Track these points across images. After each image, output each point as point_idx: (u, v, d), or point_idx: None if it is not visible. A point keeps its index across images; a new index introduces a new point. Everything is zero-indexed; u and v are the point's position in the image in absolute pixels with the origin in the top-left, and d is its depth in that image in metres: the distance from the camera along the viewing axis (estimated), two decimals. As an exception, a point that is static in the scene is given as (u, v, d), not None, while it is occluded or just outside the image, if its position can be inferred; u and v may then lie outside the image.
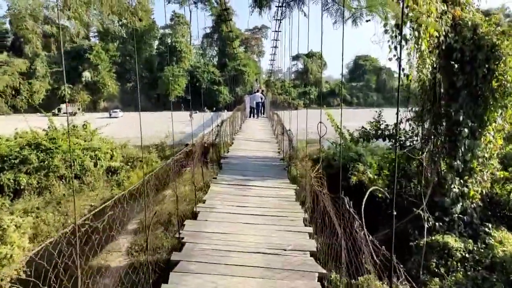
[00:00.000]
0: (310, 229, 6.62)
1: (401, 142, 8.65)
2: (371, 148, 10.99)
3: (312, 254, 5.72)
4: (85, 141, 14.60)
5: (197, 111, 57.35)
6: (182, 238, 6.31)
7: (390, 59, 7.81)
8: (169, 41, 77.51)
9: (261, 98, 27.96)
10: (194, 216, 7.77)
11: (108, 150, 14.30)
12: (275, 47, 27.26)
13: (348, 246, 4.50)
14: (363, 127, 9.49)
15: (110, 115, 62.26)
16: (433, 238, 7.23)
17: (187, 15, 79.65)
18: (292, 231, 6.62)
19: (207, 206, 8.10)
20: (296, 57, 78.63)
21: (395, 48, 7.66)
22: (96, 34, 78.45)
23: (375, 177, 8.98)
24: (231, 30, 76.02)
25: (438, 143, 8.09)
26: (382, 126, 9.20)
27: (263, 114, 28.86)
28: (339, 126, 12.81)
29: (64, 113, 64.65)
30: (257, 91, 29.99)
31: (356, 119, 20.71)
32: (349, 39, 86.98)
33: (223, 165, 12.40)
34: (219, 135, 13.84)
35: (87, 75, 69.45)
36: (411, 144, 8.63)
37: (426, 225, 7.31)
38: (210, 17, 79.56)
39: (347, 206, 4.10)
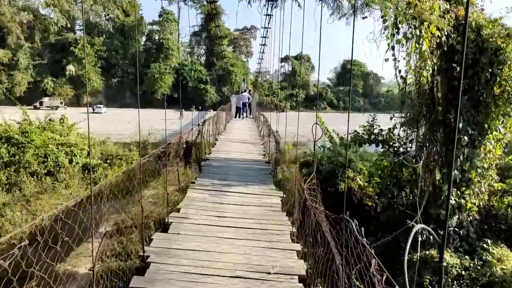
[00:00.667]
0: (298, 246, 5.84)
1: (395, 149, 8.17)
2: (361, 153, 10.50)
3: (301, 279, 4.94)
4: (61, 136, 13.82)
5: (183, 110, 56.50)
6: (147, 257, 5.36)
7: (386, 60, 7.33)
8: (156, 37, 76.46)
9: (248, 99, 27.38)
10: (165, 228, 6.95)
11: (84, 147, 13.53)
12: (264, 44, 26.70)
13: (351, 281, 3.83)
14: (355, 131, 8.99)
15: (93, 110, 61.01)
16: (427, 252, 6.74)
17: (176, 12, 78.87)
18: (278, 249, 5.76)
19: (181, 216, 7.22)
20: (284, 59, 78.31)
21: (392, 48, 7.18)
22: (81, 27, 76.96)
23: (365, 184, 8.48)
24: (219, 27, 75.43)
25: (434, 151, 7.62)
26: (376, 131, 8.72)
27: (250, 115, 28.29)
28: (329, 129, 12.32)
29: (46, 106, 63.23)
30: (244, 91, 29.40)
31: (345, 123, 20.26)
32: (338, 43, 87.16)
33: (204, 167, 11.49)
34: (200, 135, 13.13)
35: (71, 68, 67.97)
36: (405, 151, 8.15)
37: (420, 238, 6.83)
38: (199, 15, 78.81)
39: (357, 233, 3.40)
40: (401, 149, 8.27)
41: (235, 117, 27.19)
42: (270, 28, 20.98)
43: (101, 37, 73.32)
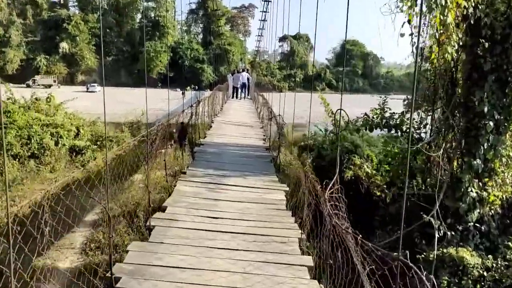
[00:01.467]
0: (310, 260, 4.73)
1: (407, 134, 7.40)
2: (368, 138, 9.73)
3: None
4: (47, 116, 12.99)
5: (178, 89, 55.44)
6: (118, 279, 4.08)
7: (402, 35, 6.52)
8: (152, 15, 74.59)
9: (248, 79, 26.26)
10: (145, 235, 6.02)
11: (72, 127, 12.74)
12: (264, 20, 25.59)
13: None
14: (366, 114, 8.19)
15: (87, 89, 59.74)
16: (444, 250, 6.06)
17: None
18: (285, 264, 4.62)
19: (167, 217, 5.98)
20: (283, 38, 76.84)
21: (409, 21, 6.36)
22: (75, 3, 74.99)
23: (374, 172, 7.76)
24: (216, 3, 73.68)
25: (452, 137, 6.88)
26: (387, 114, 7.93)
27: (248, 95, 27.19)
28: (333, 111, 11.47)
29: (39, 85, 61.91)
30: (243, 70, 28.29)
31: (348, 105, 19.44)
32: (337, 23, 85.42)
33: (197, 154, 10.34)
34: (194, 116, 12.25)
35: (64, 46, 66.29)
36: (420, 137, 7.39)
37: (436, 235, 6.14)
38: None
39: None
40: (414, 135, 7.51)
41: (232, 97, 26.25)
42: (270, 1, 19.99)
43: (95, 14, 71.44)
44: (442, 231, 6.26)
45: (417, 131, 7.52)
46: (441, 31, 5.68)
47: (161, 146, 14.90)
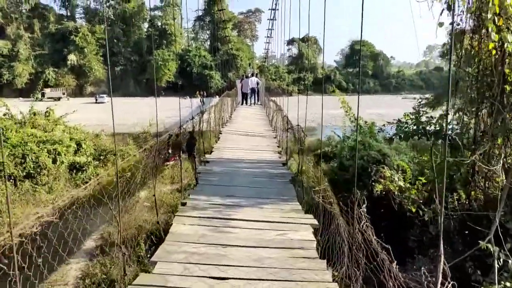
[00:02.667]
0: None
1: (449, 141, 6.27)
2: (397, 146, 8.61)
3: None
4: (45, 131, 12.13)
5: (188, 97, 54.82)
6: None
7: (440, 24, 5.48)
8: (159, 23, 74.26)
9: (257, 83, 25.14)
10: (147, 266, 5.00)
11: (71, 143, 11.85)
12: (271, 29, 24.80)
13: None
14: (399, 120, 7.09)
15: (96, 100, 59.41)
16: (508, 284, 4.95)
17: (178, -4, 76.43)
18: None
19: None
20: (290, 42, 75.82)
21: (449, 8, 5.32)
22: (82, 15, 75.11)
23: (408, 185, 6.68)
24: (223, 11, 73.04)
25: (506, 143, 5.77)
26: (423, 119, 6.81)
27: (258, 101, 26.05)
28: (354, 115, 10.34)
29: (48, 98, 61.76)
30: (252, 74, 27.26)
31: (367, 106, 18.37)
32: (345, 23, 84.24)
33: (202, 175, 8.68)
34: (198, 127, 11.08)
35: (72, 58, 66.20)
36: (463, 142, 6.28)
37: (496, 264, 5.04)
38: (202, -2, 76.46)
39: None
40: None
41: (242, 103, 25.28)
42: (277, 9, 19.09)
43: (102, 25, 71.31)
44: (502, 259, 5.15)
45: (457, 136, 6.40)
46: (495, 15, 4.61)
47: (167, 158, 13.91)
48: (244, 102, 25.21)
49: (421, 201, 6.10)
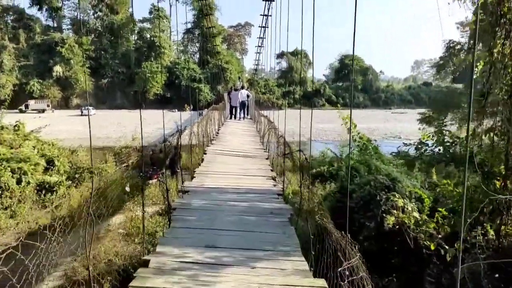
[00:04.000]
0: None
1: (480, 167, 5.32)
2: (407, 170, 7.57)
3: None
4: (11, 148, 11.02)
5: (176, 110, 53.86)
6: None
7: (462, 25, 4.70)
8: (148, 35, 73.40)
9: (248, 96, 24.01)
10: None
11: (41, 160, 10.76)
12: (261, 46, 24.10)
13: None
14: (420, 141, 6.14)
15: (81, 112, 58.06)
16: None
17: (167, 8, 75.86)
18: None
19: None
20: (280, 55, 75.40)
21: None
22: (69, 26, 73.93)
23: (426, 218, 5.73)
24: (212, 24, 72.49)
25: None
26: (447, 138, 5.82)
27: (247, 115, 24.86)
28: (359, 132, 9.30)
29: (32, 109, 60.17)
30: (242, 87, 26.28)
31: (357, 121, 17.54)
32: (334, 38, 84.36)
33: (177, 214, 6.68)
34: (174, 151, 9.85)
35: (58, 69, 64.89)
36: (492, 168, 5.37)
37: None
38: (192, 11, 75.94)
39: None
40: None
41: (230, 118, 24.28)
42: (267, 27, 18.35)
43: (89, 36, 70.25)
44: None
45: (493, 161, 5.46)
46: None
47: (150, 176, 12.84)
48: (233, 116, 24.27)
49: (441, 237, 5.19)
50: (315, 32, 5.16)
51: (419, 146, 6.06)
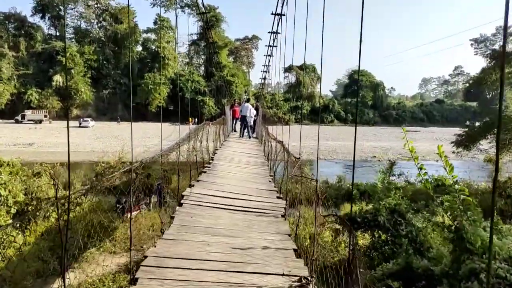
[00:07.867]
0: None
1: None
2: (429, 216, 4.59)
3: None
4: None
5: (178, 123, 51.13)
6: None
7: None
8: (153, 47, 71.21)
9: (257, 111, 20.17)
10: None
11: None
12: (268, 65, 21.56)
13: None
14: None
15: (80, 124, 55.60)
16: None
17: (172, 19, 73.84)
18: None
19: None
20: (288, 69, 72.81)
21: None
22: (72, 35, 71.79)
23: None
24: (220, 38, 70.34)
25: None
26: None
27: (253, 134, 20.20)
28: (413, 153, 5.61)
29: (29, 120, 57.84)
30: (248, 100, 22.97)
31: (367, 138, 14.72)
32: (342, 53, 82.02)
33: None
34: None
35: (58, 79, 62.64)
36: None
37: None
38: (198, 22, 73.74)
39: None
40: None
41: (232, 131, 21.20)
42: (276, 46, 15.69)
43: (92, 46, 68.18)
44: None
45: None
46: None
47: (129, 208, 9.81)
48: (234, 131, 21.25)
49: None
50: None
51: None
